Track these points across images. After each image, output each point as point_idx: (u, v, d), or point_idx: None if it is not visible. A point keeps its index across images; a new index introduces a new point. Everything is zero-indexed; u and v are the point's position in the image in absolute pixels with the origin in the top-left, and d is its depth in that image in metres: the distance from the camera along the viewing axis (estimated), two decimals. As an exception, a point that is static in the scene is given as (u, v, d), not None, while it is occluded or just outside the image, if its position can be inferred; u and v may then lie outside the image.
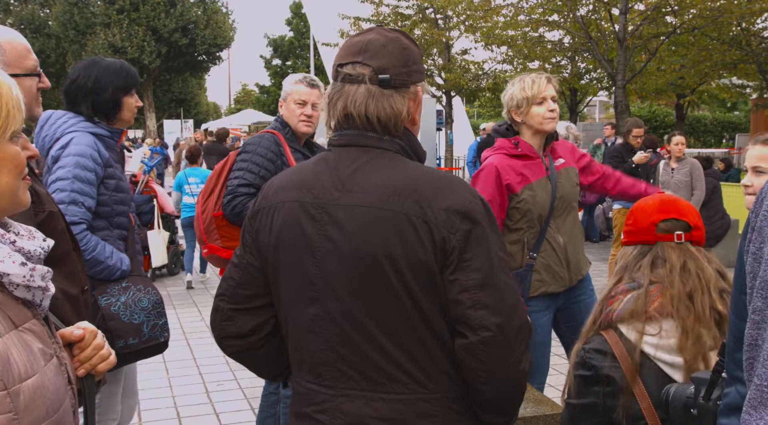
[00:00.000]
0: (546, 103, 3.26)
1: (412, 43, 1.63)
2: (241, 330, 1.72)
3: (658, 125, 30.12)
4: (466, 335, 1.49)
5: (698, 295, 1.87)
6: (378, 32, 1.61)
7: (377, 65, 1.55)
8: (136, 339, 2.72)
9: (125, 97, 2.89)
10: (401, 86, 1.58)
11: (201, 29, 31.51)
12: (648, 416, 1.80)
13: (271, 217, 1.63)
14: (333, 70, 1.63)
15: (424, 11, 19.43)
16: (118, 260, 2.78)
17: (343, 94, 1.58)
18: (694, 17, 15.28)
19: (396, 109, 1.57)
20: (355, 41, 1.61)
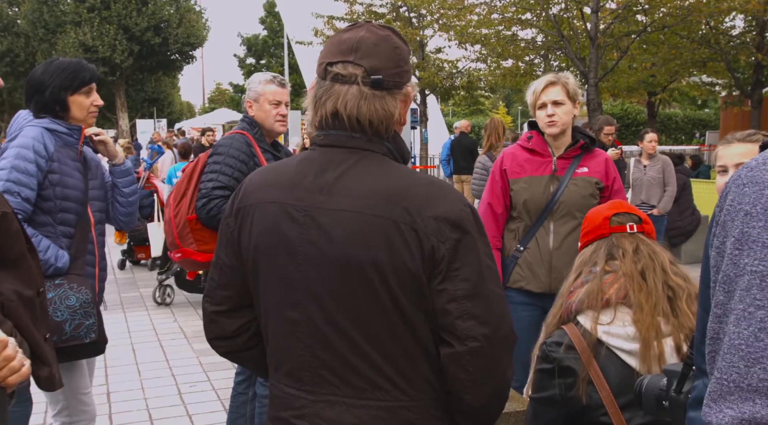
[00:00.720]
0: (545, 108, 3.28)
1: (402, 40, 1.58)
2: (224, 331, 1.69)
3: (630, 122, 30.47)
4: (452, 344, 1.46)
5: (650, 272, 1.95)
6: (368, 29, 1.54)
7: (369, 66, 1.50)
8: (54, 336, 2.66)
9: (73, 96, 2.88)
10: (393, 88, 1.53)
11: (174, 28, 31.18)
12: (608, 404, 1.83)
13: (251, 217, 1.58)
14: (320, 68, 1.55)
15: (398, 10, 19.47)
16: (53, 256, 2.74)
17: (333, 94, 1.51)
18: (664, 16, 15.49)
19: (388, 111, 1.53)
20: (345, 38, 1.53)
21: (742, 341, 0.89)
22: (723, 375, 0.91)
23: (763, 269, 0.88)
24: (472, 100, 25.56)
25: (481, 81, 20.15)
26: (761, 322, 0.88)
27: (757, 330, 0.88)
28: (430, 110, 20.72)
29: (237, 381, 3.67)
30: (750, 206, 0.91)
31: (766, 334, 0.87)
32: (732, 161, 2.49)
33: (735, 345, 0.90)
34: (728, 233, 0.93)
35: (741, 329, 0.90)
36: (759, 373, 0.87)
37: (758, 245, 0.89)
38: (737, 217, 0.93)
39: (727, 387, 0.90)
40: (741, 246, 0.91)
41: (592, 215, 2.16)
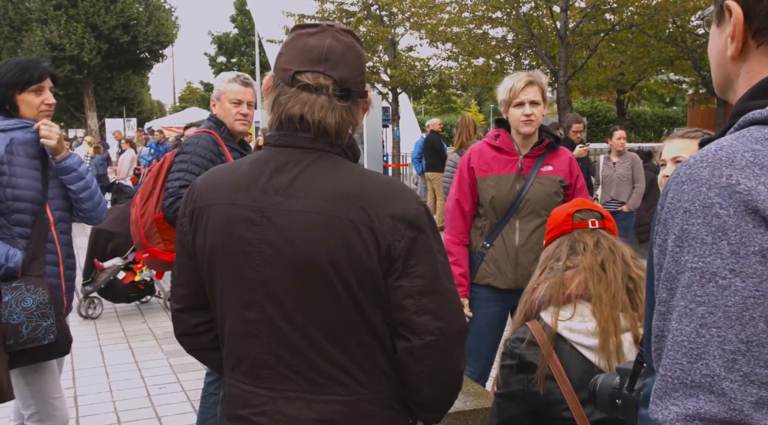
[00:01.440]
0: (523, 106, 3.30)
1: (360, 43, 1.61)
2: (187, 329, 1.73)
3: (600, 120, 30.81)
4: (409, 339, 1.51)
5: (609, 264, 1.99)
6: (333, 36, 1.54)
7: (339, 77, 1.52)
8: (11, 340, 2.64)
9: (21, 95, 2.85)
10: (358, 97, 1.57)
11: (143, 26, 30.83)
12: (569, 399, 1.86)
13: (204, 219, 1.58)
14: (285, 74, 1.54)
15: (369, 8, 19.45)
16: (3, 255, 2.72)
17: (300, 101, 1.52)
18: (631, 15, 15.68)
19: (354, 119, 1.57)
20: (311, 45, 1.53)
21: (684, 337, 0.90)
22: (667, 372, 0.92)
23: (702, 265, 0.90)
24: (443, 98, 25.65)
25: (452, 79, 20.22)
26: (702, 318, 0.89)
27: (698, 326, 0.89)
28: (402, 109, 20.72)
29: (207, 382, 3.64)
30: (689, 203, 0.92)
31: (707, 330, 0.88)
32: (669, 155, 2.56)
33: (678, 342, 0.91)
34: (669, 231, 0.94)
35: (683, 325, 0.91)
36: (701, 369, 0.88)
37: (697, 242, 0.90)
38: (677, 215, 0.93)
39: (672, 383, 0.91)
40: (681, 244, 0.92)
41: (555, 213, 2.20)
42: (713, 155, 0.93)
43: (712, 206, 0.90)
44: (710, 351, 0.88)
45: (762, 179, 0.89)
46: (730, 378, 0.87)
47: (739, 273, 0.87)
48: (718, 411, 0.87)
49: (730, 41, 1.03)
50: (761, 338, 0.87)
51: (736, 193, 0.89)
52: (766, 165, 0.90)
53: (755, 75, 1.02)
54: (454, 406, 2.93)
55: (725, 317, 0.88)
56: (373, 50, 19.28)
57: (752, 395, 0.86)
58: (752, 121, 0.96)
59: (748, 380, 0.86)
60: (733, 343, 0.87)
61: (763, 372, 0.87)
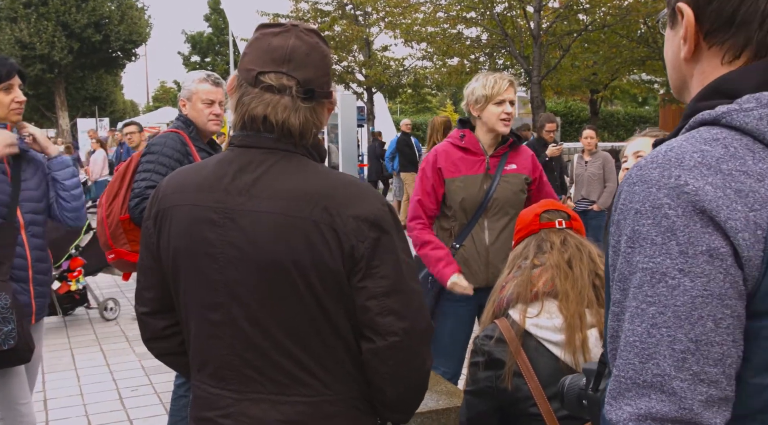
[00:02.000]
0: (504, 105, 3.33)
1: (325, 43, 1.60)
2: (155, 333, 1.71)
3: (574, 119, 31.06)
4: (373, 340, 1.50)
5: (576, 261, 2.02)
6: (298, 37, 1.53)
7: (302, 78, 1.50)
8: None
9: None
10: (323, 98, 1.56)
11: (115, 25, 30.50)
12: (536, 395, 1.88)
13: (169, 220, 1.57)
14: (248, 75, 1.52)
15: (344, 8, 19.43)
16: None
17: (263, 102, 1.51)
18: (604, 15, 15.83)
19: (318, 120, 1.56)
20: (275, 46, 1.51)
21: (636, 338, 0.91)
22: (620, 372, 0.92)
23: (653, 266, 0.90)
24: (419, 98, 25.68)
25: (427, 79, 20.26)
26: (653, 318, 0.90)
27: (649, 326, 0.90)
28: (377, 108, 20.73)
29: (177, 384, 3.61)
30: (639, 204, 0.93)
31: (657, 330, 0.89)
32: (631, 151, 2.62)
33: (630, 342, 0.92)
34: (622, 232, 0.95)
35: (635, 326, 0.91)
36: (653, 369, 0.89)
37: (648, 243, 0.91)
38: (629, 215, 0.94)
39: (625, 383, 0.92)
40: (633, 244, 0.93)
41: (524, 214, 2.23)
42: (663, 156, 0.94)
43: (661, 206, 0.90)
44: (661, 350, 0.89)
45: (709, 179, 0.89)
46: (680, 378, 0.88)
47: (687, 273, 0.88)
48: (669, 410, 0.87)
49: (683, 43, 1.04)
50: (710, 337, 0.87)
51: (684, 193, 0.89)
52: (713, 166, 0.90)
53: (707, 76, 1.02)
54: (427, 405, 2.94)
55: (675, 317, 0.88)
56: (348, 50, 19.27)
57: (702, 393, 0.87)
58: (702, 122, 0.97)
59: (698, 379, 0.87)
60: (682, 342, 0.88)
61: (712, 370, 0.88)
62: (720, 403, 0.88)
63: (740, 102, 0.94)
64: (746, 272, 0.88)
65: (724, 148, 0.92)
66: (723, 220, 0.88)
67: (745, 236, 0.88)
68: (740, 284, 0.88)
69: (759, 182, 0.89)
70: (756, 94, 0.94)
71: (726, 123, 0.94)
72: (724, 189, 0.89)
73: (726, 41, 1.00)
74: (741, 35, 0.98)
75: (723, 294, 0.88)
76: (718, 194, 0.88)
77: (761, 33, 0.97)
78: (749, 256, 0.88)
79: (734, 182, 0.89)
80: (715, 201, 0.88)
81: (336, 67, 19.34)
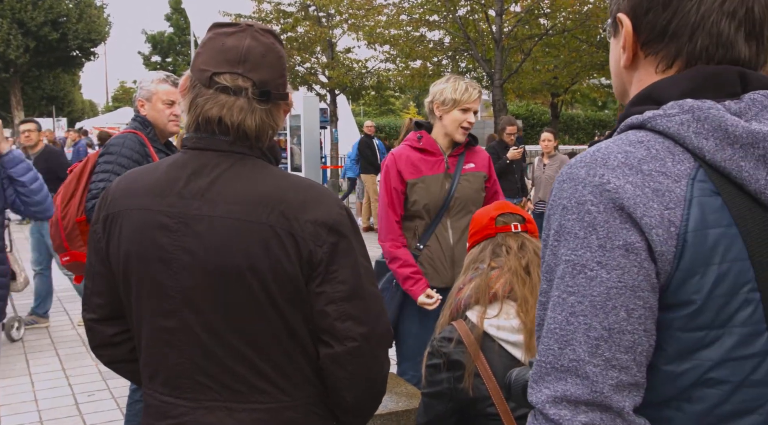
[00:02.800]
0: (468, 113, 3.37)
1: (281, 44, 1.57)
2: (104, 340, 1.67)
3: (536, 122, 31.43)
4: (332, 345, 1.49)
5: (534, 267, 2.04)
6: (253, 36, 1.50)
7: (258, 79, 1.48)
8: None
9: None
10: (279, 99, 1.53)
11: (73, 23, 29.91)
12: (494, 395, 1.90)
13: (119, 225, 1.53)
14: (202, 75, 1.48)
15: (307, 9, 19.34)
16: None
17: (218, 103, 1.47)
18: (564, 20, 16.05)
19: (274, 122, 1.53)
20: (230, 46, 1.48)
21: (556, 325, 0.97)
22: (542, 357, 0.98)
23: (574, 258, 0.96)
24: (382, 100, 25.72)
25: (390, 81, 20.28)
26: (572, 307, 0.95)
27: (568, 314, 0.96)
28: (340, 110, 20.69)
29: (133, 389, 3.56)
30: (567, 200, 0.98)
31: (575, 318, 0.95)
32: None
33: (551, 330, 0.97)
34: (551, 226, 1.01)
35: (556, 314, 0.97)
36: (569, 354, 0.95)
37: (571, 236, 0.97)
38: (557, 211, 1.00)
39: (545, 368, 0.97)
40: (559, 238, 0.99)
41: (478, 216, 2.23)
42: (591, 156, 1.00)
43: (585, 203, 0.96)
44: (577, 337, 0.94)
45: (630, 178, 0.95)
46: (593, 363, 0.93)
47: (605, 265, 0.94)
48: (582, 393, 0.93)
49: (623, 52, 1.10)
50: (622, 325, 0.93)
51: (606, 191, 0.95)
52: (635, 166, 0.96)
53: (643, 83, 1.09)
54: (386, 407, 2.94)
55: (591, 306, 0.94)
56: (311, 51, 19.19)
57: (613, 378, 0.93)
58: (631, 125, 1.03)
59: (610, 364, 0.93)
60: (597, 330, 0.94)
61: (623, 357, 0.93)
62: (630, 388, 0.94)
63: (665, 108, 1.00)
64: (659, 267, 0.94)
65: (647, 150, 0.98)
66: (639, 216, 0.93)
67: (659, 232, 0.93)
68: (653, 277, 0.94)
69: (676, 183, 0.95)
70: (680, 101, 1.00)
71: (651, 127, 1.00)
72: (643, 188, 0.94)
73: (660, 51, 1.06)
74: (672, 46, 1.05)
75: (636, 286, 0.93)
76: (637, 193, 0.94)
77: (690, 45, 1.03)
78: (662, 251, 0.93)
79: (653, 182, 0.95)
80: (633, 199, 0.94)
81: (299, 69, 19.26)
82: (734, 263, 0.93)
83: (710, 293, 0.93)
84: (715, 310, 0.93)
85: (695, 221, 0.93)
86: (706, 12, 1.01)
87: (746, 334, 0.94)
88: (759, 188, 0.95)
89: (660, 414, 0.97)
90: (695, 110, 0.97)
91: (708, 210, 0.94)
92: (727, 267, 0.93)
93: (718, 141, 0.95)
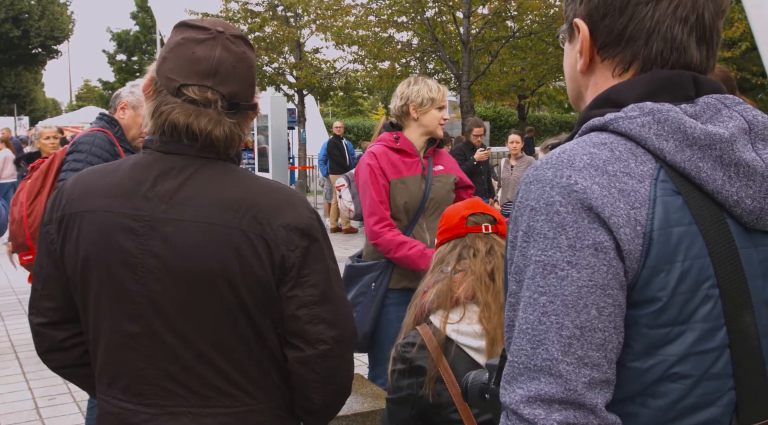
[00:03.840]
0: (443, 111, 3.45)
1: (251, 50, 1.54)
2: (53, 345, 1.61)
3: (503, 124, 31.67)
4: (302, 348, 1.48)
5: (498, 273, 2.01)
6: (224, 46, 1.45)
7: (228, 92, 1.44)
8: None
9: None
10: (248, 110, 1.51)
11: (35, 20, 29.46)
12: (457, 402, 1.89)
13: (77, 227, 1.48)
14: (169, 84, 1.44)
15: (274, 9, 19.25)
16: None
17: (184, 111, 1.43)
18: (531, 23, 16.21)
19: (242, 132, 1.51)
20: (200, 57, 1.43)
21: (528, 325, 0.97)
22: (514, 357, 0.99)
23: (544, 258, 0.97)
24: (350, 101, 25.71)
25: (358, 82, 20.28)
26: (544, 307, 0.96)
27: (540, 314, 0.96)
28: (308, 111, 20.61)
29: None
30: (534, 201, 0.99)
31: (547, 318, 0.96)
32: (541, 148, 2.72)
33: (523, 330, 0.98)
34: (518, 228, 1.02)
35: (527, 314, 0.98)
36: (542, 354, 0.95)
37: (541, 237, 0.98)
38: (525, 212, 1.01)
39: (518, 368, 0.98)
40: (528, 239, 0.99)
41: (449, 214, 2.19)
42: (557, 158, 1.01)
43: (553, 203, 0.97)
44: (550, 336, 0.95)
45: (596, 179, 0.97)
46: (566, 361, 0.94)
47: (575, 265, 0.95)
48: (556, 392, 0.94)
49: (579, 56, 1.12)
50: (593, 323, 0.95)
51: (573, 192, 0.96)
52: (600, 167, 0.98)
53: (600, 87, 1.11)
54: (352, 408, 2.94)
55: (563, 306, 0.95)
56: (279, 51, 19.10)
57: (585, 376, 0.94)
58: (593, 127, 1.05)
59: (582, 362, 0.94)
60: (569, 329, 0.95)
61: (594, 354, 0.95)
62: (602, 385, 0.95)
63: (626, 110, 1.02)
64: (627, 265, 0.96)
65: (611, 151, 1.00)
66: (607, 216, 0.95)
67: (626, 231, 0.95)
68: (621, 275, 0.96)
69: (640, 183, 0.97)
70: (639, 103, 1.02)
71: (613, 129, 1.02)
72: (609, 189, 0.96)
73: (616, 55, 1.09)
74: (629, 50, 1.07)
75: (606, 285, 0.95)
76: (604, 193, 0.96)
77: (646, 49, 1.06)
78: (630, 250, 0.95)
79: (618, 183, 0.97)
80: (600, 199, 0.95)
81: (266, 69, 19.16)
82: (696, 260, 0.96)
83: (675, 290, 0.95)
84: (679, 306, 0.95)
85: (660, 220, 0.96)
86: (661, 17, 1.04)
87: (707, 329, 0.96)
88: (716, 188, 0.98)
89: (624, 410, 0.98)
90: (655, 112, 1.00)
91: (671, 209, 0.96)
92: (690, 264, 0.95)
93: (677, 143, 0.98)
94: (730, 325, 0.97)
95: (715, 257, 0.97)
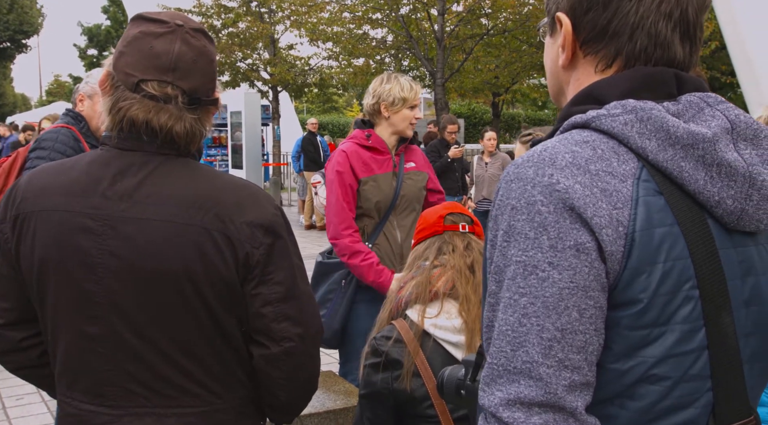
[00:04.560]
0: (415, 110, 3.44)
1: (212, 44, 1.51)
2: (11, 345, 1.57)
3: (477, 121, 31.81)
4: (267, 346, 1.47)
5: (479, 266, 2.02)
6: (184, 40, 1.42)
7: (189, 87, 1.42)
8: None
9: None
10: (209, 105, 1.49)
11: (3, 14, 28.96)
12: (434, 397, 1.89)
13: (32, 227, 1.44)
14: (128, 79, 1.40)
15: (248, 4, 19.10)
16: None
17: (143, 107, 1.40)
18: (505, 20, 16.28)
19: (203, 128, 1.48)
20: (159, 52, 1.40)
21: (508, 327, 0.95)
22: (493, 359, 0.97)
23: (525, 259, 0.95)
24: (325, 97, 25.61)
25: (333, 79, 20.21)
26: (524, 308, 0.94)
27: (520, 316, 0.94)
28: (282, 107, 20.51)
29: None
30: (515, 200, 0.97)
31: (528, 319, 0.94)
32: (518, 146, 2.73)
33: (503, 331, 0.96)
34: (499, 227, 0.99)
35: (507, 315, 0.96)
36: (522, 356, 0.94)
37: (522, 237, 0.95)
38: (505, 211, 0.98)
39: (497, 370, 0.96)
40: (508, 238, 0.97)
41: (427, 214, 2.22)
42: (538, 155, 0.98)
43: (535, 203, 0.95)
44: (530, 339, 0.93)
45: (579, 178, 0.95)
46: (547, 364, 0.93)
47: (556, 266, 0.93)
48: (536, 395, 0.92)
49: (561, 51, 1.10)
50: (574, 326, 0.93)
51: (555, 191, 0.94)
52: (583, 166, 0.96)
53: (582, 83, 1.09)
54: (324, 405, 2.93)
55: (544, 307, 0.93)
56: (253, 47, 18.97)
57: (566, 379, 0.93)
58: (574, 124, 1.03)
59: (563, 365, 0.93)
60: (550, 331, 0.93)
61: (575, 357, 0.93)
62: (582, 388, 0.94)
63: (608, 108, 1.00)
64: (609, 266, 0.94)
65: (593, 150, 0.97)
66: (589, 217, 0.93)
67: (609, 232, 0.93)
68: (603, 277, 0.94)
69: (622, 183, 0.96)
70: (622, 100, 1.00)
71: (595, 127, 1.00)
72: (591, 188, 0.94)
73: (599, 51, 1.06)
74: (612, 46, 1.05)
75: (587, 286, 0.93)
76: (586, 193, 0.94)
77: (630, 45, 1.04)
78: (612, 251, 0.93)
79: (600, 182, 0.95)
80: (582, 199, 0.94)
81: (240, 65, 19.01)
82: (677, 261, 0.95)
83: (656, 292, 0.94)
84: (660, 308, 0.94)
85: (642, 221, 0.94)
86: (645, 13, 1.02)
87: (686, 331, 0.95)
88: (698, 188, 0.97)
89: (603, 411, 0.97)
90: (638, 110, 0.98)
91: (653, 210, 0.95)
92: (671, 265, 0.94)
93: (660, 142, 0.97)
94: (710, 326, 0.96)
95: (696, 258, 0.96)
